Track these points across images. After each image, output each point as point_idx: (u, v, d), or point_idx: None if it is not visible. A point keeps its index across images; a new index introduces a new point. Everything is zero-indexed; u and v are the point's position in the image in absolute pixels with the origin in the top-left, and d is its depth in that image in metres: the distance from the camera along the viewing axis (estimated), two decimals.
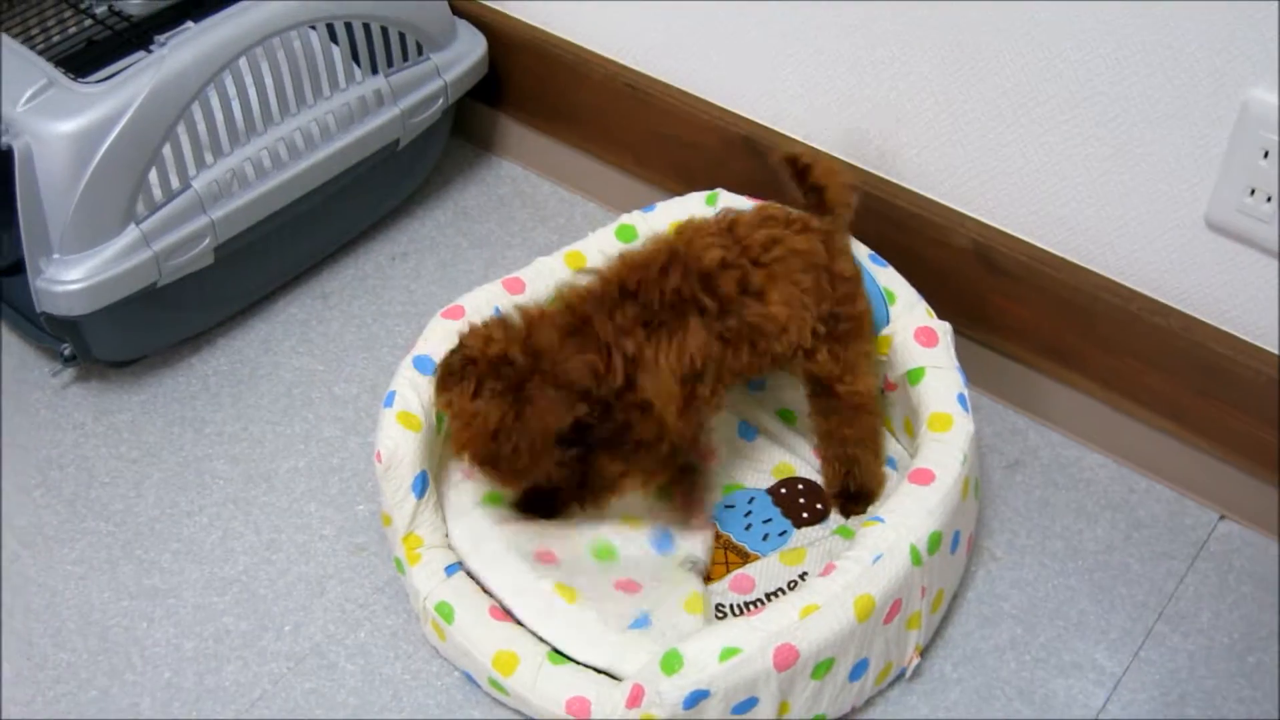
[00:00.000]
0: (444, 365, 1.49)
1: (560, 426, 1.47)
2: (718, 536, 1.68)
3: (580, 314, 1.51)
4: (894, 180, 1.81)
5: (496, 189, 2.18)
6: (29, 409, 1.86)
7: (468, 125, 2.22)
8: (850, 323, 1.63)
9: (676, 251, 1.55)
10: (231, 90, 1.78)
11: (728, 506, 1.71)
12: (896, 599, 1.48)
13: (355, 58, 1.92)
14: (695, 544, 1.63)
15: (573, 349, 1.48)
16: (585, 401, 1.48)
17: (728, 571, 1.64)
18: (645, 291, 1.52)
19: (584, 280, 1.56)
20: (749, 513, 1.70)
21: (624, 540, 1.65)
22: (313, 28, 1.85)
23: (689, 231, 1.59)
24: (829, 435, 1.69)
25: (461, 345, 1.49)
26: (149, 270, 1.76)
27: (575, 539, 1.63)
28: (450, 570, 1.56)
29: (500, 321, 1.51)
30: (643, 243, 1.61)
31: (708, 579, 1.63)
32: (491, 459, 1.48)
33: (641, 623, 1.51)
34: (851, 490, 1.68)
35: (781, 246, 1.58)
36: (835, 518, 1.70)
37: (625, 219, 1.82)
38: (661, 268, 1.53)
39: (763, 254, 1.57)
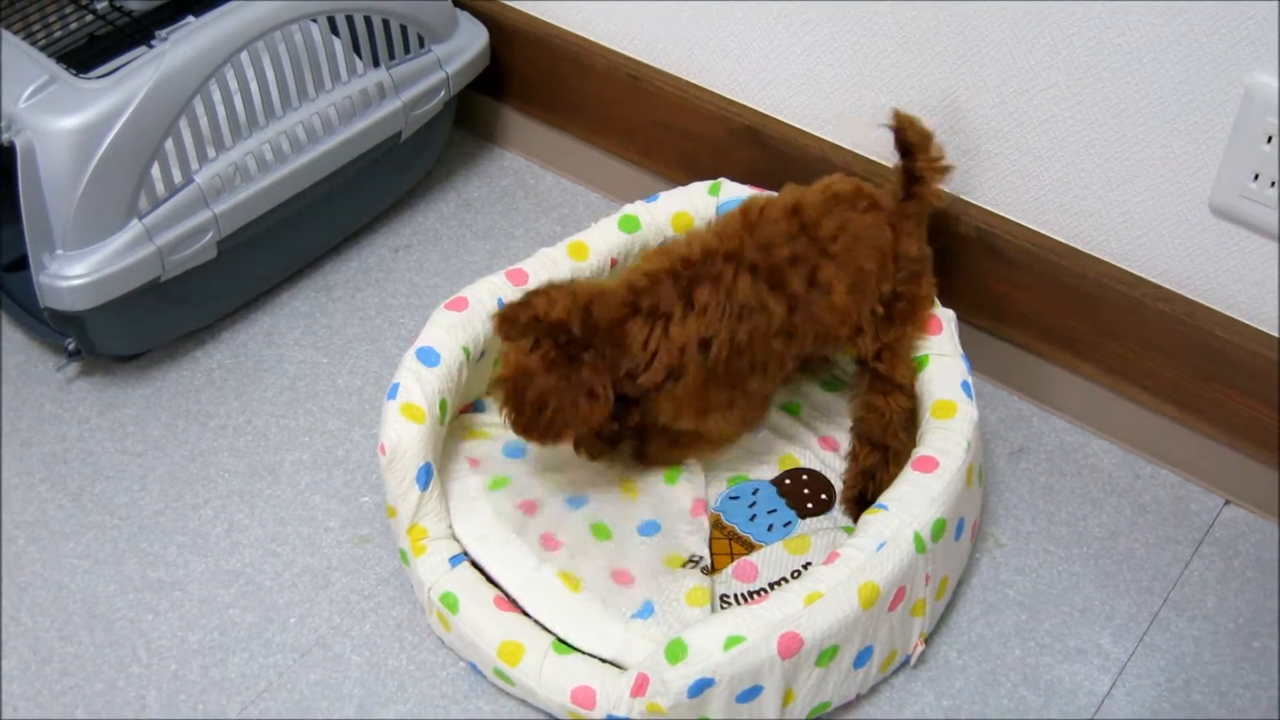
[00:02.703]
0: (508, 315, 1.52)
1: (602, 403, 1.51)
2: (722, 527, 1.68)
3: (642, 299, 1.53)
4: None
5: (499, 180, 2.18)
6: (33, 404, 1.87)
7: (470, 117, 2.22)
8: (907, 303, 1.64)
9: (744, 249, 1.55)
10: (233, 84, 1.78)
11: (732, 498, 1.71)
12: (900, 586, 1.48)
13: (357, 50, 1.92)
14: (695, 541, 1.63)
15: (626, 333, 1.51)
16: (630, 381, 1.53)
17: (732, 560, 1.64)
18: (711, 297, 1.52)
19: (657, 255, 1.58)
20: (753, 504, 1.70)
21: (616, 523, 1.65)
22: (313, 20, 1.84)
23: (754, 214, 1.59)
24: (871, 411, 1.67)
25: (529, 303, 1.51)
26: (152, 265, 1.76)
27: (574, 520, 1.64)
28: (455, 561, 1.56)
29: (566, 288, 1.53)
30: (713, 222, 1.63)
31: (712, 569, 1.63)
32: (527, 422, 1.52)
33: (644, 613, 1.51)
34: (864, 498, 1.66)
35: (848, 232, 1.58)
36: (840, 513, 1.70)
37: (628, 209, 1.81)
38: (728, 264, 1.53)
39: (830, 244, 1.57)
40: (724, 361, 1.54)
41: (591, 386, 1.50)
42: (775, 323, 1.55)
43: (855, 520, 1.66)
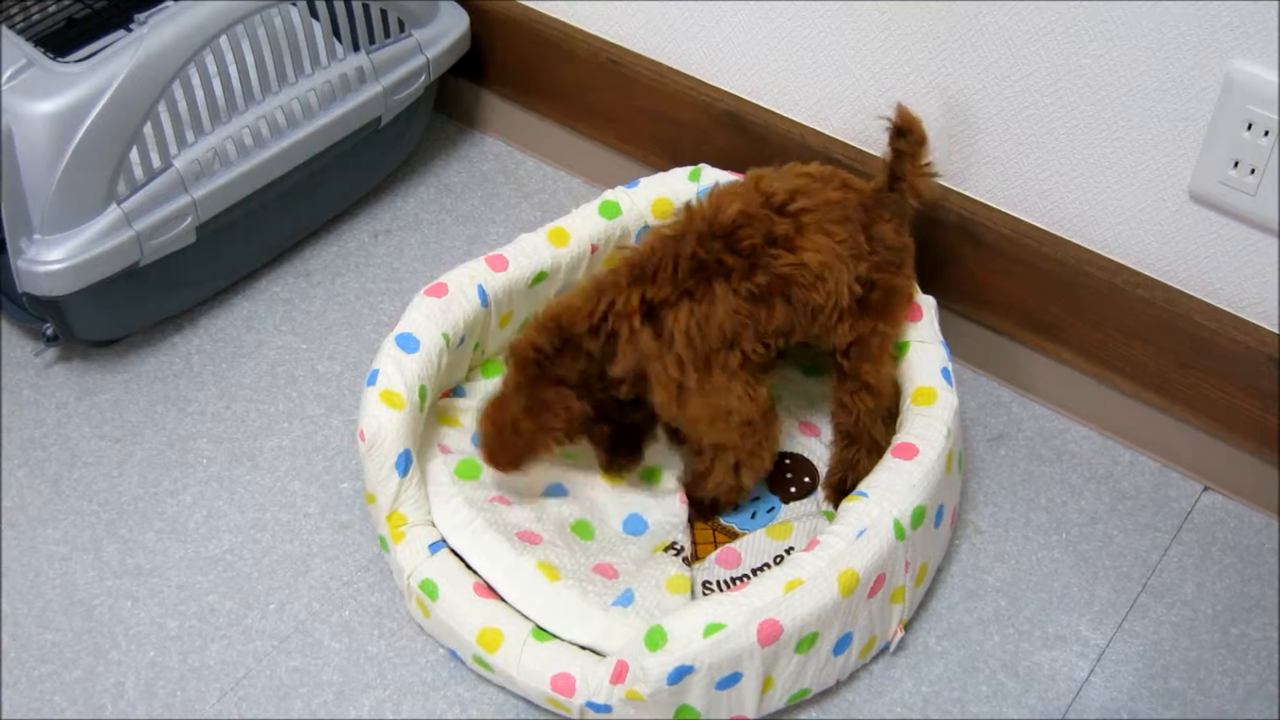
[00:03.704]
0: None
1: (563, 425, 1.55)
2: (705, 517, 1.67)
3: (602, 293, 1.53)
4: (877, 154, 1.80)
5: (480, 165, 2.18)
6: (11, 389, 1.86)
7: (450, 101, 2.21)
8: (882, 294, 1.59)
9: (694, 214, 1.54)
10: (212, 68, 1.78)
11: None
12: (880, 573, 1.48)
13: (336, 35, 1.91)
14: (676, 531, 1.63)
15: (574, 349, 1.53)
16: (589, 390, 1.54)
17: (715, 548, 1.63)
18: (661, 263, 1.51)
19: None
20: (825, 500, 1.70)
21: (599, 521, 1.65)
22: (293, 4, 1.83)
23: (714, 194, 1.57)
24: (842, 408, 1.65)
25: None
26: (131, 250, 1.76)
27: (554, 518, 1.64)
28: (434, 548, 1.56)
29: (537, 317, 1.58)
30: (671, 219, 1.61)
31: (696, 558, 1.62)
32: (493, 448, 1.57)
33: (624, 600, 1.51)
34: (844, 486, 1.66)
35: (810, 197, 1.55)
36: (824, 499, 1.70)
37: (609, 195, 1.81)
38: (677, 236, 1.53)
39: (789, 202, 1.54)
40: (695, 337, 1.50)
41: (555, 398, 1.53)
42: (737, 283, 1.50)
43: (836, 507, 1.66)
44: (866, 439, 1.64)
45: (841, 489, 1.65)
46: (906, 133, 1.60)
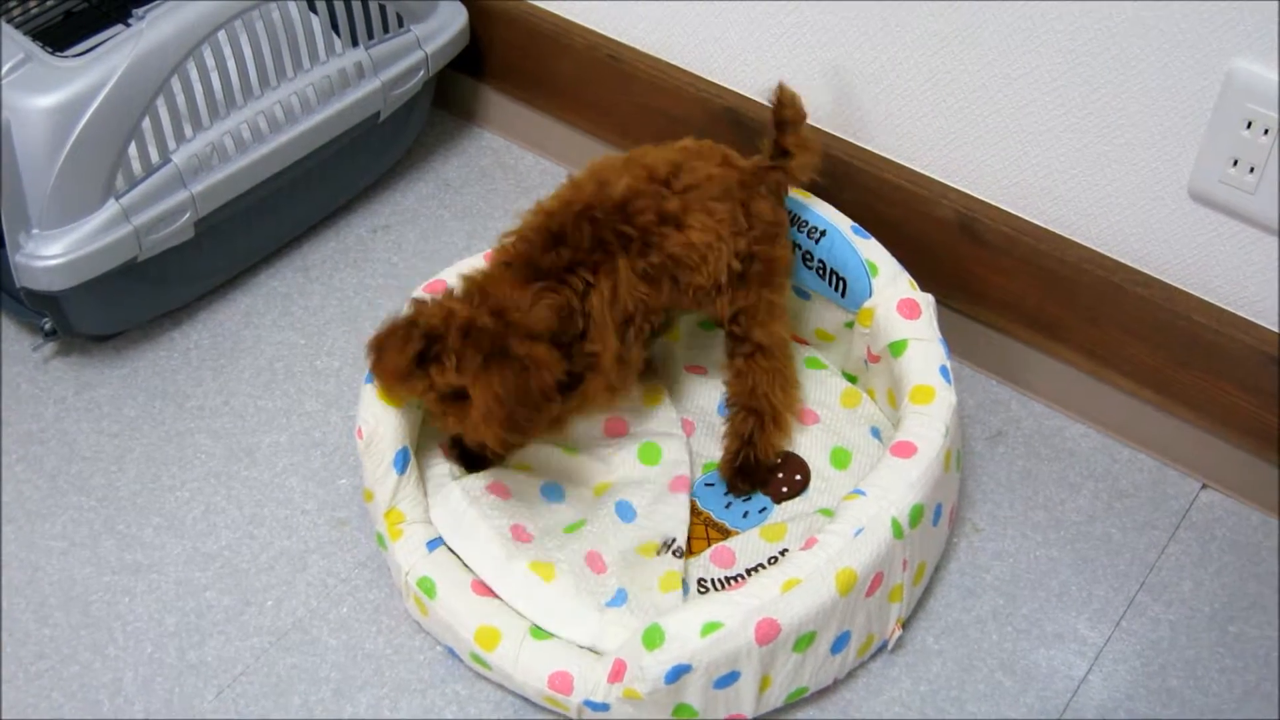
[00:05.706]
0: (403, 351, 1.48)
1: (560, 375, 1.49)
2: (698, 514, 1.67)
3: (524, 263, 1.52)
4: (877, 151, 1.81)
5: (479, 160, 2.17)
6: (9, 384, 1.86)
7: (449, 96, 2.21)
8: (762, 265, 1.62)
9: (584, 189, 1.55)
10: (211, 63, 1.77)
11: (707, 485, 1.70)
12: (878, 572, 1.48)
13: (335, 29, 1.91)
14: (673, 524, 1.63)
15: (533, 296, 1.49)
16: (558, 346, 1.50)
17: (709, 545, 1.63)
18: (572, 234, 1.52)
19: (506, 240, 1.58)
20: (728, 490, 1.70)
21: (590, 512, 1.65)
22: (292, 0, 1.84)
23: (597, 169, 1.60)
24: (737, 376, 1.68)
25: (416, 323, 1.48)
26: (129, 245, 1.76)
27: (547, 516, 1.63)
28: (432, 545, 1.56)
29: (446, 294, 1.52)
30: (555, 191, 1.62)
31: (689, 552, 1.62)
32: (513, 425, 1.48)
33: (619, 600, 1.51)
34: (747, 466, 1.67)
35: (693, 174, 1.58)
36: (816, 496, 1.69)
37: None
38: (579, 210, 1.53)
39: (673, 178, 1.57)
40: (611, 308, 1.53)
41: (543, 360, 1.47)
42: (634, 260, 1.53)
43: (737, 494, 1.68)
44: (766, 406, 1.66)
45: (745, 470, 1.67)
46: (787, 105, 1.65)
